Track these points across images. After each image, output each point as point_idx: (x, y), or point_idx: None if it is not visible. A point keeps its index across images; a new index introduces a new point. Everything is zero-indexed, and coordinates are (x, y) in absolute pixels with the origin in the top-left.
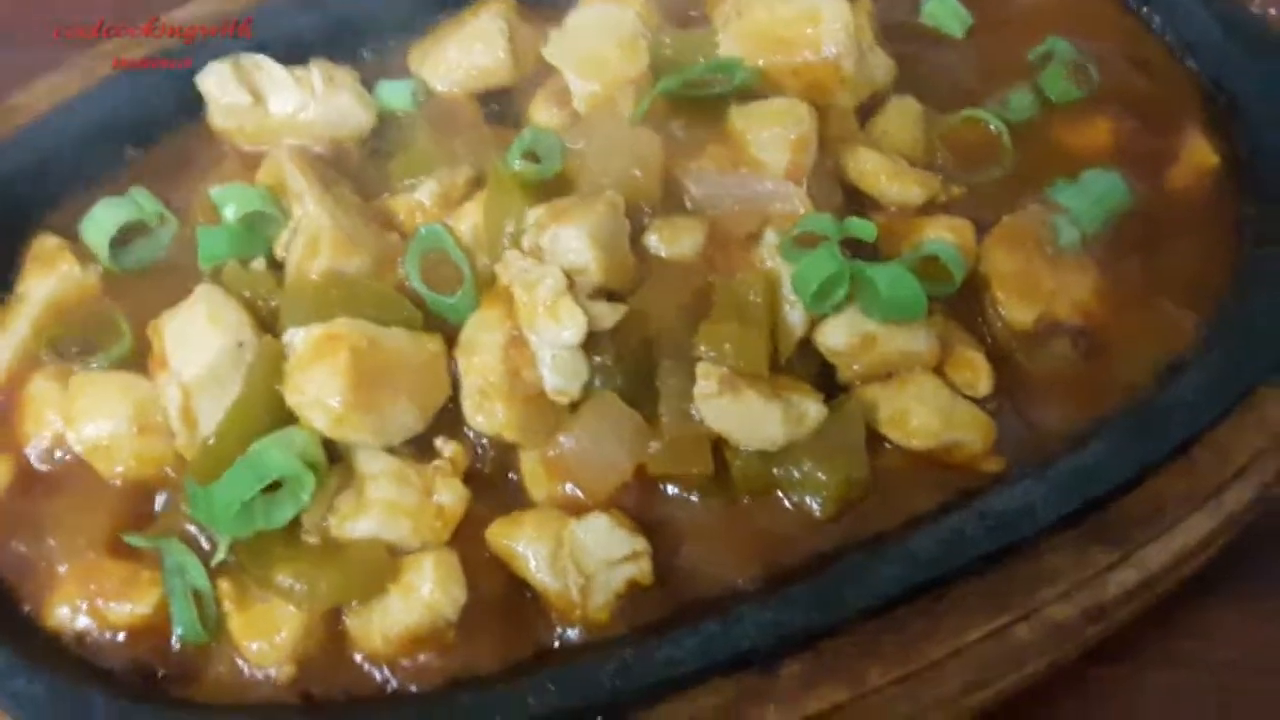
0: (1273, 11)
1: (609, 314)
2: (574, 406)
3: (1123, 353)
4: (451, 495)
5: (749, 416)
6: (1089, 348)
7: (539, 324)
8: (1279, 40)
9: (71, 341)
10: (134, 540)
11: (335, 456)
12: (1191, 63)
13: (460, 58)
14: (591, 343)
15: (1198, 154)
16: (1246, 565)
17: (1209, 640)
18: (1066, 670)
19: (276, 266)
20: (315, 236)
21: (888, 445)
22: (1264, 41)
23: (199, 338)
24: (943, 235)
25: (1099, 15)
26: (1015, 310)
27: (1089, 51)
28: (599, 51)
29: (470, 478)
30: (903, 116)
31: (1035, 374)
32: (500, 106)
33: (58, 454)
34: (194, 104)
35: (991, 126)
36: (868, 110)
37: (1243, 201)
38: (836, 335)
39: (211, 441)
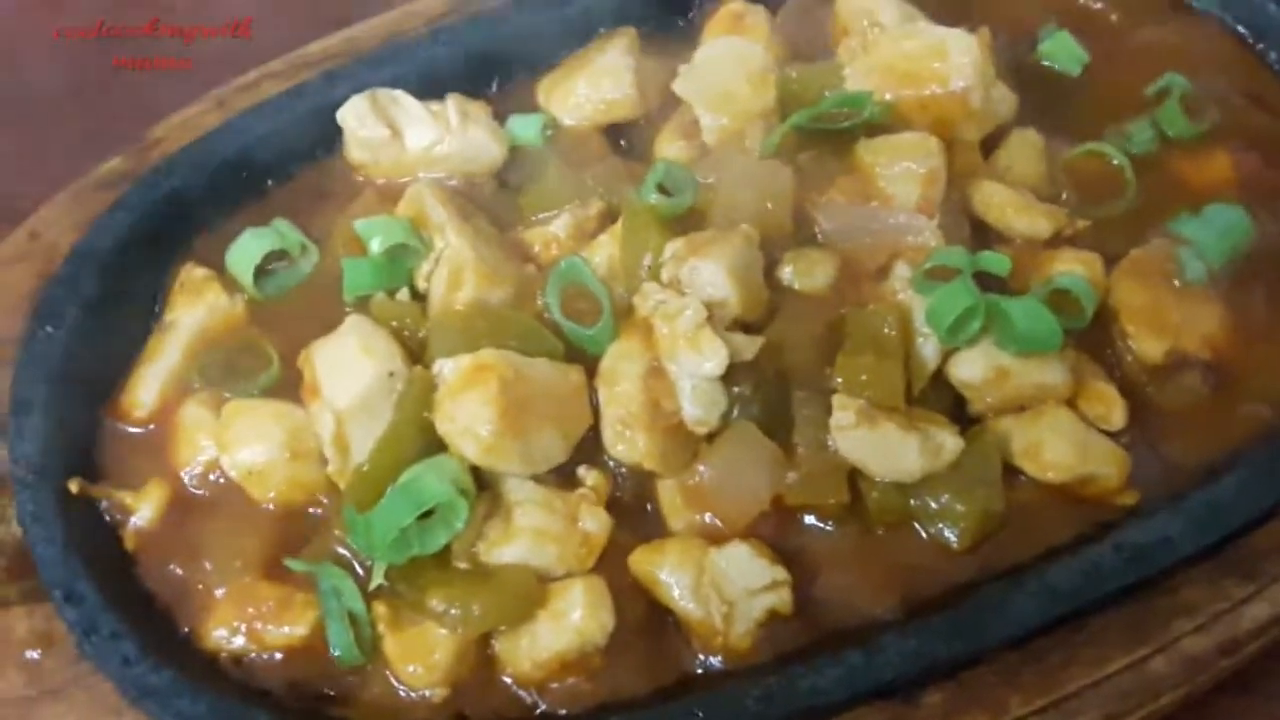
0: None
1: (748, 345)
2: (711, 436)
3: (1251, 386)
4: (596, 522)
5: (886, 448)
6: (1218, 381)
7: (680, 355)
8: None
9: (222, 369)
10: (294, 564)
11: (482, 484)
12: None
13: (588, 92)
14: (730, 373)
15: None
16: None
17: None
18: (1196, 700)
19: (417, 297)
20: (459, 268)
21: (1022, 478)
22: None
23: (351, 367)
24: (1072, 268)
25: (1216, 52)
26: (1145, 343)
27: (1206, 87)
28: (728, 86)
29: (610, 506)
30: (1025, 150)
31: (1166, 407)
32: (627, 140)
33: (211, 477)
34: (330, 138)
35: (1114, 160)
36: (990, 144)
37: None
38: (970, 368)
39: (365, 468)
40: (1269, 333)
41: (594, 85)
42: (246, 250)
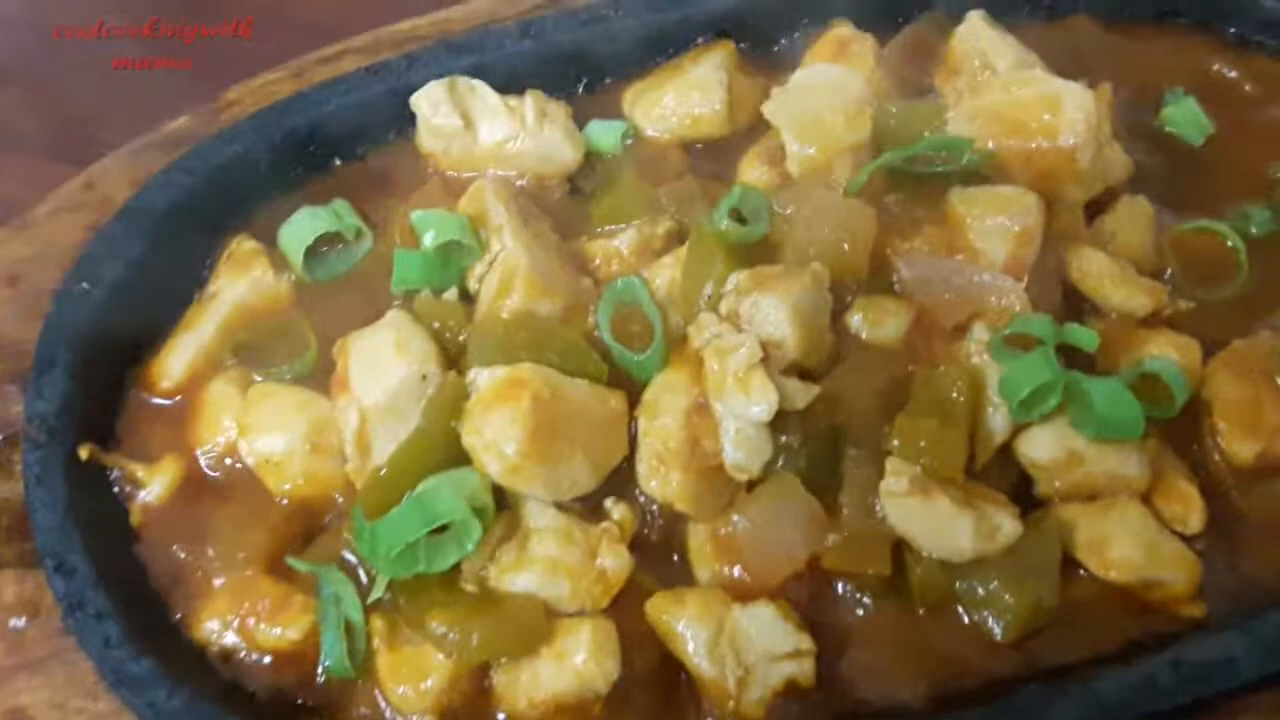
0: None
1: (802, 393)
2: (752, 485)
3: None
4: (615, 561)
5: (938, 522)
6: None
7: (728, 395)
8: None
9: (257, 348)
10: (295, 564)
11: (502, 503)
12: None
13: (676, 104)
14: (778, 421)
15: None
16: None
17: None
18: None
19: (467, 298)
20: (510, 273)
21: (1082, 572)
22: None
23: (384, 364)
24: (1166, 353)
25: None
26: (1236, 443)
27: None
28: (821, 115)
29: (635, 544)
30: (1133, 218)
31: (1250, 516)
32: (709, 158)
33: (228, 460)
34: (404, 122)
35: (1228, 241)
36: (1096, 207)
37: None
38: (1041, 447)
39: (383, 472)
40: None
41: (683, 98)
42: (300, 228)
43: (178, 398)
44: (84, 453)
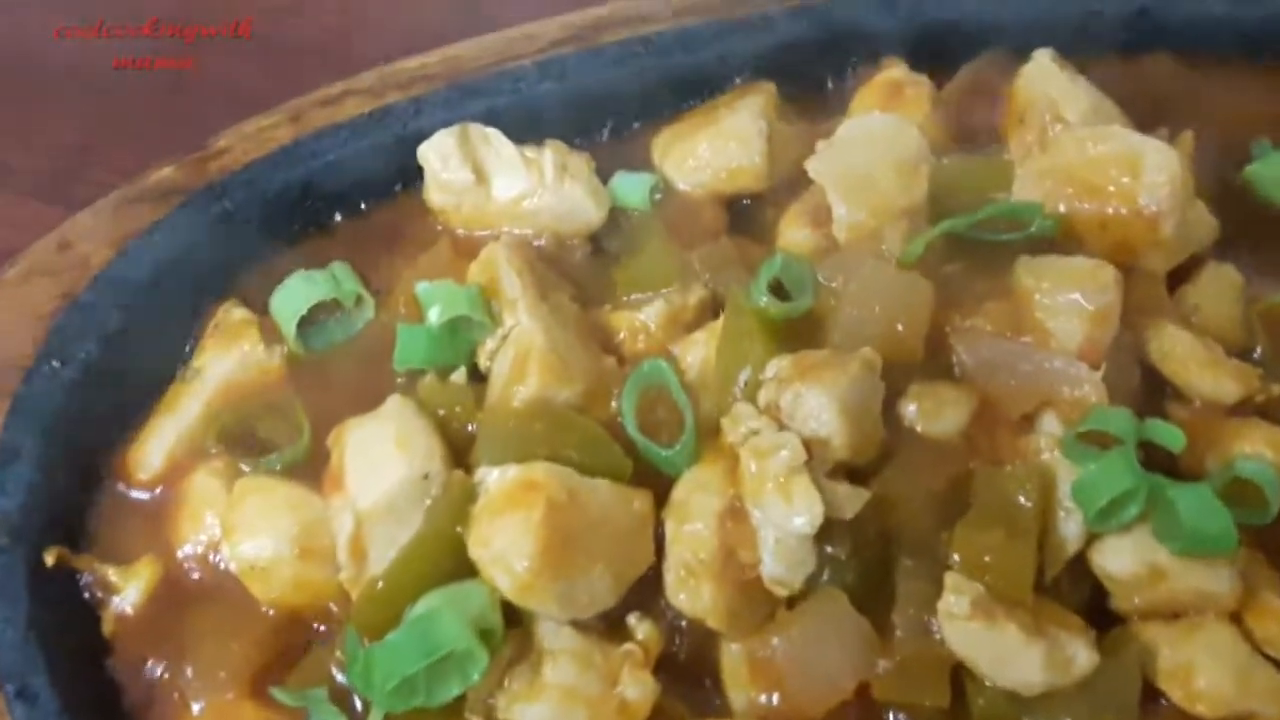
0: None
1: (851, 500)
2: (793, 600)
3: None
4: (638, 690)
5: (1003, 650)
6: None
7: (766, 501)
8: None
9: (244, 433)
10: (281, 695)
11: (513, 618)
12: None
13: (710, 155)
14: (824, 530)
15: None
16: None
17: None
18: None
19: (478, 376)
20: (525, 355)
21: (1164, 702)
22: None
23: (382, 461)
24: (1259, 450)
25: None
26: None
27: None
28: (872, 173)
29: (661, 664)
30: (1220, 289)
31: None
32: (748, 214)
33: (212, 559)
34: (411, 173)
35: None
36: (1178, 274)
37: None
38: (1119, 560)
39: (380, 585)
40: None
41: (718, 148)
42: (293, 296)
43: (157, 490)
44: (50, 558)
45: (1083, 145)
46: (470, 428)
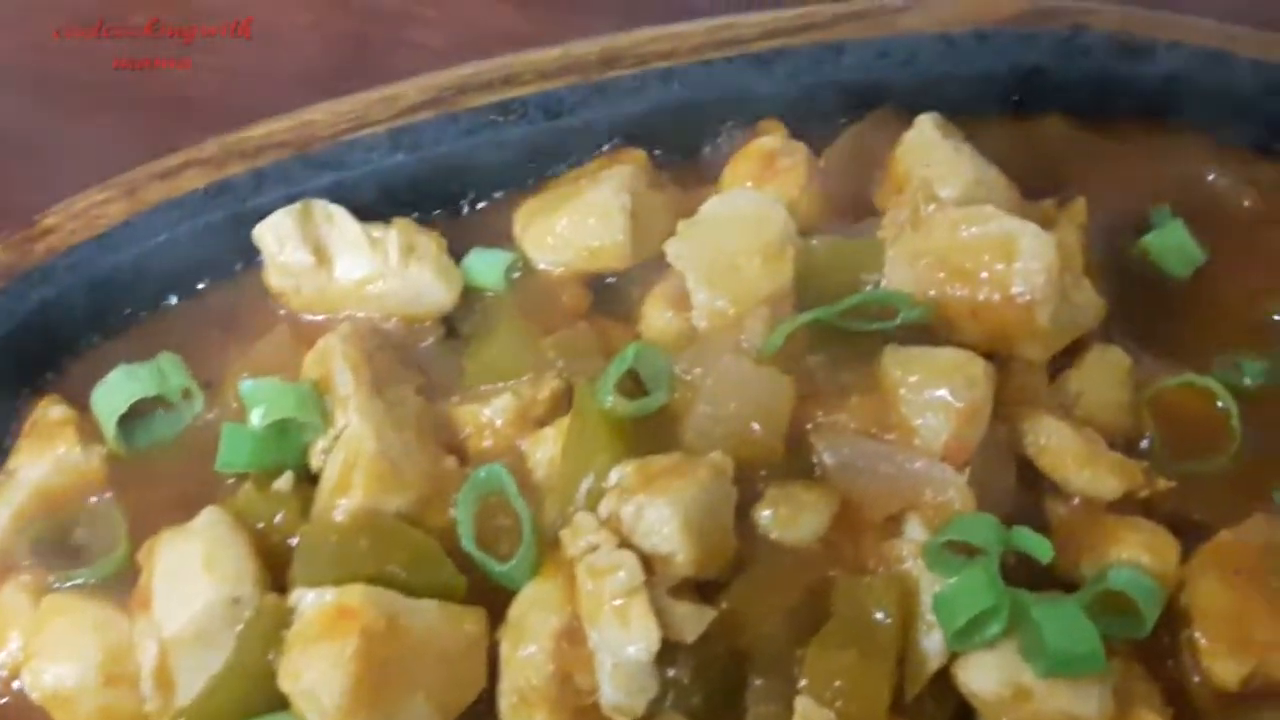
0: None
1: (693, 621)
2: None
3: None
4: None
5: None
6: None
7: (602, 624)
8: None
9: (57, 544)
10: None
11: None
12: None
13: (570, 232)
14: (666, 651)
15: None
16: None
17: None
18: None
19: (312, 478)
20: (352, 462)
21: None
22: None
23: (190, 583)
24: (1136, 555)
25: None
26: (1220, 662)
27: None
28: (734, 258)
29: None
30: (1105, 373)
31: None
32: (612, 292)
33: (15, 684)
34: (252, 252)
35: (1218, 402)
36: (1062, 356)
37: None
38: (983, 678)
39: None
40: None
41: (578, 224)
42: (115, 392)
43: None
44: None
45: (955, 227)
46: (293, 541)
